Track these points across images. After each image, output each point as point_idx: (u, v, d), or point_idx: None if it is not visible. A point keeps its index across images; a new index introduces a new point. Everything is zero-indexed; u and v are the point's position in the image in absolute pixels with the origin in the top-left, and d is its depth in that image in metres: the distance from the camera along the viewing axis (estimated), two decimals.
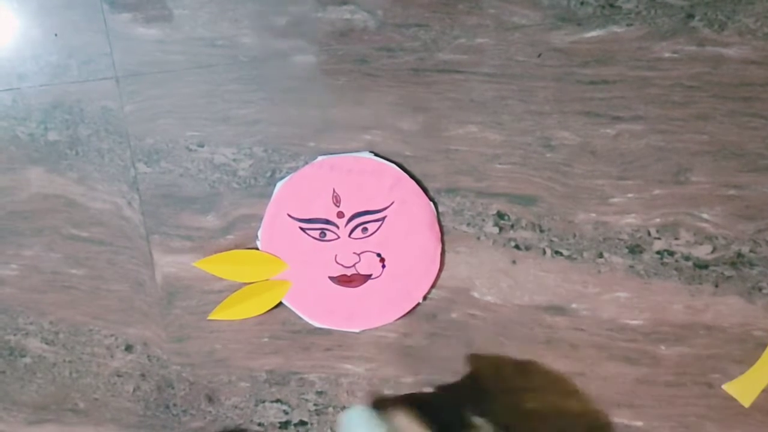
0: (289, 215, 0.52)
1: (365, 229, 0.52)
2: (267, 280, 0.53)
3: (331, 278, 0.53)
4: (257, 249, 0.53)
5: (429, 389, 0.53)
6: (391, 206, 0.51)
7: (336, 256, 0.52)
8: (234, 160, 0.53)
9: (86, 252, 0.55)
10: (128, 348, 0.56)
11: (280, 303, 0.53)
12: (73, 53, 0.53)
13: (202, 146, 0.53)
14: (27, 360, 0.58)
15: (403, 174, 0.51)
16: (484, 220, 0.51)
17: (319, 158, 0.52)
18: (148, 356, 0.56)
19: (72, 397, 0.58)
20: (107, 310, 0.56)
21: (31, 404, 0.58)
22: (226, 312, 0.53)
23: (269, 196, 0.52)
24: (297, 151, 0.52)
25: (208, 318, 0.54)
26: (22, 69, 0.54)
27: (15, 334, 0.57)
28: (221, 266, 0.53)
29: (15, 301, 0.57)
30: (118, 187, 0.54)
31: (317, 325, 0.53)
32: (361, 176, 0.51)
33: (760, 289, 0.49)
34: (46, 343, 0.57)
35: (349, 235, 0.52)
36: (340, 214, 0.52)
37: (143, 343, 0.56)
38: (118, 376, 0.57)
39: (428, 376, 0.53)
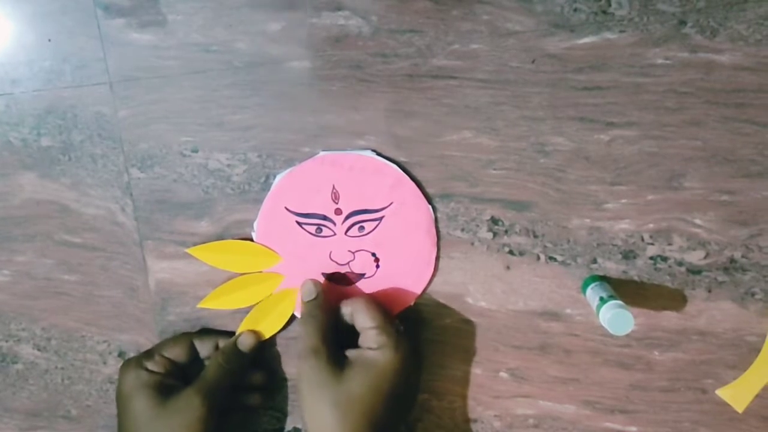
0: (286, 208, 0.52)
1: (362, 228, 0.52)
2: (260, 272, 0.53)
3: (325, 275, 0.53)
4: (251, 240, 0.53)
5: (424, 396, 0.53)
6: (390, 206, 0.51)
7: (331, 252, 0.52)
8: (228, 165, 0.52)
9: (79, 258, 0.55)
10: (121, 354, 0.56)
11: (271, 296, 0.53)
12: (67, 58, 0.52)
13: (196, 152, 0.53)
14: (19, 366, 0.57)
15: (404, 176, 0.51)
16: (478, 225, 0.51)
17: (321, 153, 0.51)
18: None
19: (64, 404, 0.57)
20: (100, 316, 0.56)
21: (23, 411, 0.58)
22: (216, 301, 0.53)
23: (263, 201, 0.52)
24: (291, 156, 0.52)
25: (198, 306, 0.53)
26: (16, 74, 0.53)
27: (7, 341, 0.57)
28: (214, 255, 0.53)
29: (7, 307, 0.57)
30: (112, 193, 0.54)
31: None
32: (362, 174, 0.51)
33: (752, 295, 0.49)
34: (38, 350, 0.57)
35: (346, 233, 0.52)
36: (338, 211, 0.52)
37: (136, 349, 0.56)
38: (111, 382, 0.56)
39: (421, 381, 0.53)
